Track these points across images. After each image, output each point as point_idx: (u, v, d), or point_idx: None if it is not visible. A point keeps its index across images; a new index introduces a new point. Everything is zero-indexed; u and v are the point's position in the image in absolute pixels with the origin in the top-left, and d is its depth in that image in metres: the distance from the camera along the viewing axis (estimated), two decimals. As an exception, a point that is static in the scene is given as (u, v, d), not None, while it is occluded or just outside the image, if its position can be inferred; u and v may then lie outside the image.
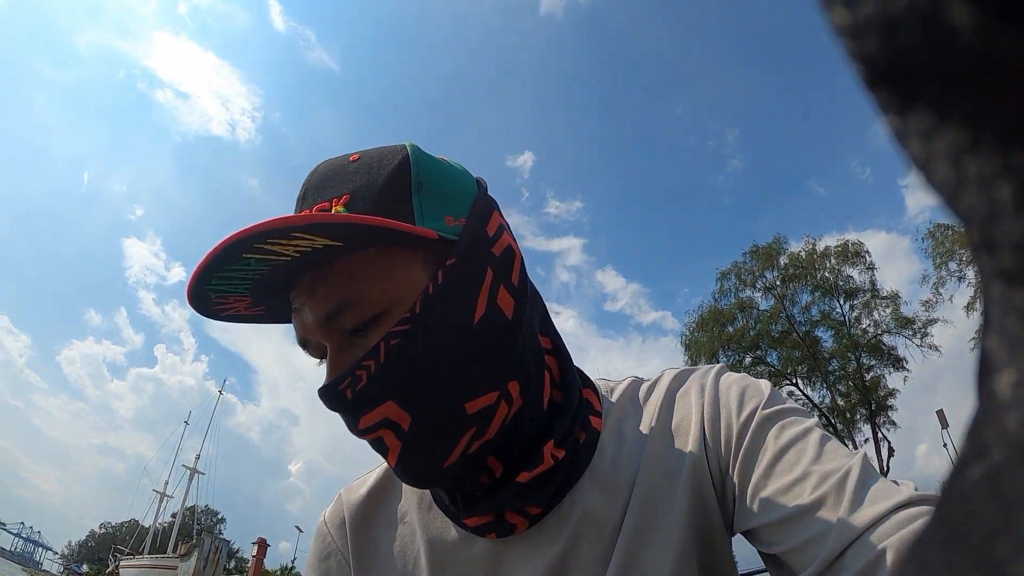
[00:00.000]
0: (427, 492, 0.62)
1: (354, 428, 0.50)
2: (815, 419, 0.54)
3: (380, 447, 0.51)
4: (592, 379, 0.65)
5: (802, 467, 0.48)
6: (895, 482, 0.46)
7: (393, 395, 0.48)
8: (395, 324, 0.48)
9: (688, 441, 0.56)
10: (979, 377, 0.11)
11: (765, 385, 0.57)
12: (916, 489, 0.45)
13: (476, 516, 0.55)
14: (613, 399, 0.63)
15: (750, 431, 0.53)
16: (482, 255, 0.52)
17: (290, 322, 0.54)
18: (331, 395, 0.49)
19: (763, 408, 0.54)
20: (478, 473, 0.53)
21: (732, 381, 0.59)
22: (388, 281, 0.49)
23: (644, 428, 0.59)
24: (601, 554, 0.54)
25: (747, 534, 0.53)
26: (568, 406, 0.57)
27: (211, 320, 0.54)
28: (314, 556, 0.65)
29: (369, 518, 0.64)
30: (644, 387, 0.64)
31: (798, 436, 0.51)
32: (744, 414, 0.54)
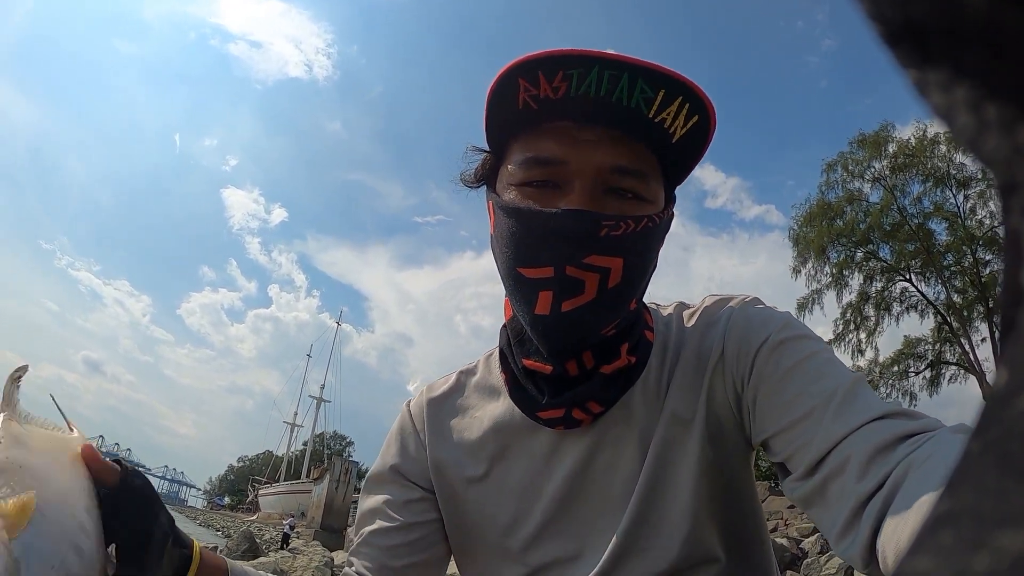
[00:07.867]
0: (499, 388, 0.73)
1: (574, 259, 0.58)
2: (824, 344, 0.62)
3: (568, 287, 0.59)
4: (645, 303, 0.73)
5: (801, 385, 0.56)
6: (899, 402, 0.58)
7: (627, 256, 0.59)
8: (651, 213, 0.61)
9: (711, 364, 0.65)
10: (1009, 311, 0.11)
11: (784, 314, 0.65)
12: (900, 406, 0.52)
13: (552, 409, 0.64)
14: (662, 321, 0.72)
15: (762, 354, 0.60)
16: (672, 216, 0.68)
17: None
18: (588, 222, 0.57)
19: (777, 333, 0.61)
20: (580, 357, 0.63)
21: (754, 311, 0.66)
22: (658, 187, 0.64)
23: (681, 349, 0.68)
24: (637, 456, 0.65)
25: (762, 446, 0.61)
26: (639, 320, 0.68)
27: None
28: (395, 432, 0.78)
29: (444, 406, 0.76)
30: (687, 313, 0.72)
31: (804, 358, 0.58)
32: (760, 339, 0.62)
